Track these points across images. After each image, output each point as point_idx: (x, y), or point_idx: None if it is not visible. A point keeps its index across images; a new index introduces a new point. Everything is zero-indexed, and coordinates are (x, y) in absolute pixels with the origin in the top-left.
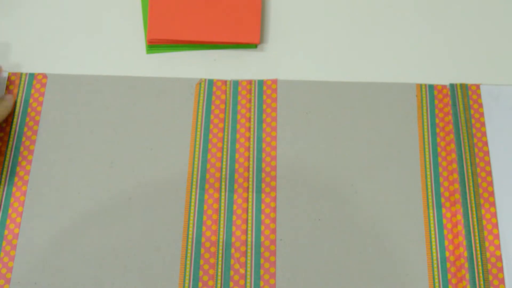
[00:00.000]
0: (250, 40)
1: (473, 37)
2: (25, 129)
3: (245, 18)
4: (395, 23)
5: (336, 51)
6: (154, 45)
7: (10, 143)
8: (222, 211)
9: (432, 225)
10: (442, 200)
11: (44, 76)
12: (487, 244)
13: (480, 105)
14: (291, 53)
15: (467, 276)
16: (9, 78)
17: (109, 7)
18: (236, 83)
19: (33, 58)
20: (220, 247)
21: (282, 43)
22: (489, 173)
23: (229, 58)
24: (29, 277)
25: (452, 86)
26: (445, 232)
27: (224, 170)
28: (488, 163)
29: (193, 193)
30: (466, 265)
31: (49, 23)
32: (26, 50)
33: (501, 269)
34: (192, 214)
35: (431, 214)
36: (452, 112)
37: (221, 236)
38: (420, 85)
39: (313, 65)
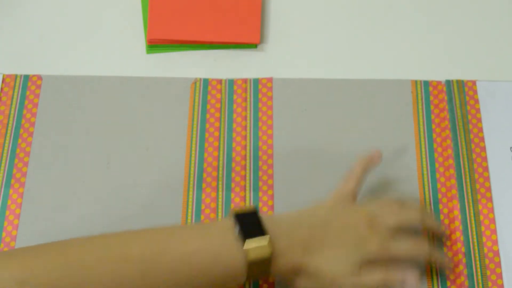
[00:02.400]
0: (250, 40)
1: (469, 33)
2: (21, 131)
3: (245, 18)
4: (391, 20)
5: (335, 50)
6: (154, 45)
7: (6, 145)
8: (220, 210)
9: None
10: (439, 195)
11: (39, 77)
12: (484, 239)
13: (477, 101)
14: (291, 53)
15: (465, 272)
16: (4, 80)
17: (109, 7)
18: (231, 82)
19: (32, 59)
20: None
21: (282, 43)
22: (486, 169)
23: (229, 58)
24: None
25: (448, 82)
26: (443, 228)
27: (221, 168)
28: (485, 159)
29: (191, 193)
30: (464, 260)
31: (48, 23)
32: (25, 51)
33: (498, 264)
34: (189, 214)
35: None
36: (448, 108)
37: None
38: (415, 81)
39: (313, 64)
